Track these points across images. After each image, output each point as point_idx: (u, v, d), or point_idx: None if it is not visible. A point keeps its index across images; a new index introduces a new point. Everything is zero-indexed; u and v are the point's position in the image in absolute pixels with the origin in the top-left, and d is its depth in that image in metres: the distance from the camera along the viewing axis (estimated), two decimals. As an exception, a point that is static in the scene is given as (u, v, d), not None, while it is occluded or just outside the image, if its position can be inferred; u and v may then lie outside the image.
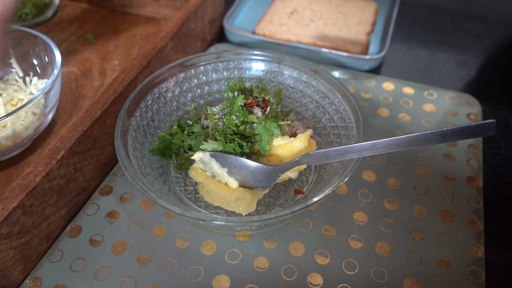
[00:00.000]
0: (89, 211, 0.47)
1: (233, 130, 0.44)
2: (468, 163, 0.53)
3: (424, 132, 0.36)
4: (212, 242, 0.45)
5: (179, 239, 0.45)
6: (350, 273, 0.42)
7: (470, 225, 0.46)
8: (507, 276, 0.43)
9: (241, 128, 0.44)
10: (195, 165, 0.46)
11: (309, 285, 0.41)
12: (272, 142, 0.44)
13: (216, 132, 0.44)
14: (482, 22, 0.82)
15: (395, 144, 0.37)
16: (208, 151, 0.44)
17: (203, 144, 0.44)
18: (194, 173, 0.46)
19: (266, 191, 0.46)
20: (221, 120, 0.45)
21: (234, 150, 0.43)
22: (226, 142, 0.44)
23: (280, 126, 0.44)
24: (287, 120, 0.47)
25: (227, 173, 0.44)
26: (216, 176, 0.45)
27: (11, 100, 0.53)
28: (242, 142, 0.44)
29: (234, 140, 0.44)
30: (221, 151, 0.44)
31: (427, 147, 0.54)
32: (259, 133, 0.44)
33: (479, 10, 0.85)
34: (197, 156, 0.44)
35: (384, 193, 0.49)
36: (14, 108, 0.52)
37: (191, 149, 0.47)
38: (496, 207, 0.50)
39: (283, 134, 0.45)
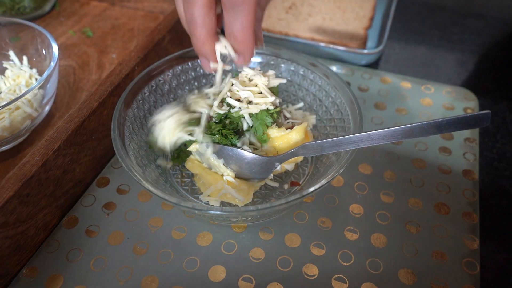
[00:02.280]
0: (85, 202, 0.47)
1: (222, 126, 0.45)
2: (465, 156, 0.53)
3: (419, 123, 0.36)
4: (208, 233, 0.45)
5: (175, 230, 0.45)
6: (345, 264, 0.43)
7: (466, 217, 0.47)
8: (501, 268, 0.44)
9: (227, 122, 0.44)
10: (191, 156, 0.47)
11: (305, 275, 0.42)
12: (266, 131, 0.44)
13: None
14: (480, 18, 0.82)
15: (390, 135, 0.37)
16: (204, 143, 0.44)
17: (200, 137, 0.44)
18: (191, 164, 0.46)
19: (262, 182, 0.46)
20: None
21: (230, 141, 0.44)
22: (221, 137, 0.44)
23: (272, 115, 0.44)
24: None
25: (223, 164, 0.44)
26: (212, 167, 0.45)
27: (14, 91, 0.53)
28: (234, 140, 0.44)
29: (228, 135, 0.44)
30: (217, 143, 0.44)
31: (423, 141, 0.55)
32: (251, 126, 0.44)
33: (478, 7, 0.85)
34: (193, 147, 0.44)
35: (380, 185, 0.50)
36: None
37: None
38: (491, 200, 0.50)
39: (279, 125, 0.46)
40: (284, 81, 0.48)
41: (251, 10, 0.35)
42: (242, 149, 0.43)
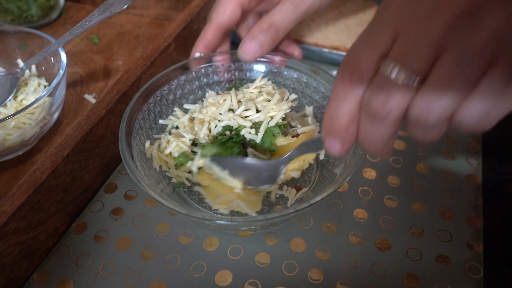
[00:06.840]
0: (94, 208, 0.48)
1: (229, 138, 0.45)
2: (468, 161, 0.54)
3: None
4: (215, 238, 0.46)
5: (182, 235, 0.46)
6: (350, 268, 0.43)
7: (469, 222, 0.47)
8: (505, 272, 0.44)
9: (233, 134, 0.45)
10: (202, 169, 0.47)
11: (310, 280, 0.42)
12: (274, 142, 0.45)
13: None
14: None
15: None
16: (208, 157, 0.44)
17: (203, 150, 0.45)
18: (201, 177, 0.46)
19: (271, 189, 0.46)
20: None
21: (232, 152, 0.44)
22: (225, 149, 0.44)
23: (280, 127, 0.45)
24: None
25: (229, 175, 0.44)
26: (221, 179, 0.45)
27: (23, 99, 0.54)
28: (238, 148, 0.44)
29: (232, 146, 0.45)
30: (219, 155, 0.44)
31: (426, 145, 0.55)
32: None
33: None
34: (201, 162, 0.45)
35: (384, 190, 0.50)
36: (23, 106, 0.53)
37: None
38: (495, 204, 0.50)
39: (285, 134, 0.46)
40: (295, 104, 0.49)
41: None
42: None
